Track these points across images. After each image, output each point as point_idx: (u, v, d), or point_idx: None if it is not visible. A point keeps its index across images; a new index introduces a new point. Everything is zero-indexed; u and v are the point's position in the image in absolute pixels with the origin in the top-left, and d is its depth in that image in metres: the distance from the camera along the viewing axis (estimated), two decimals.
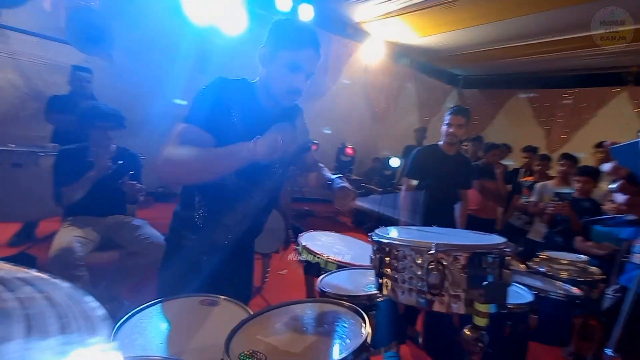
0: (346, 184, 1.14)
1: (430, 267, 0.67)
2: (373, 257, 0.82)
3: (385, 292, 0.77)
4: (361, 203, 1.15)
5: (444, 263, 0.67)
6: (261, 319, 0.79)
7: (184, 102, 2.96)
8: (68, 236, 1.85)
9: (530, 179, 3.68)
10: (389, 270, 0.76)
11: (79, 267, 1.80)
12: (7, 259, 2.36)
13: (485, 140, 4.28)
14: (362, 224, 5.26)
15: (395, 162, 5.48)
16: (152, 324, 0.86)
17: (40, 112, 3.01)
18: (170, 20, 4.07)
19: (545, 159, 3.70)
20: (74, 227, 1.94)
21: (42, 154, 2.44)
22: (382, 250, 0.78)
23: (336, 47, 5.98)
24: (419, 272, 0.69)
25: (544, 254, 2.02)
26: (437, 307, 0.68)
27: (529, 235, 3.26)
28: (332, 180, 1.19)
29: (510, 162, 4.67)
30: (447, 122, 2.29)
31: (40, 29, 3.72)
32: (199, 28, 4.10)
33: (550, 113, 6.46)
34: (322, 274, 1.31)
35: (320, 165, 1.33)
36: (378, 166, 6.20)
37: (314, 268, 1.36)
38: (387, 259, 0.76)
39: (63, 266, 1.74)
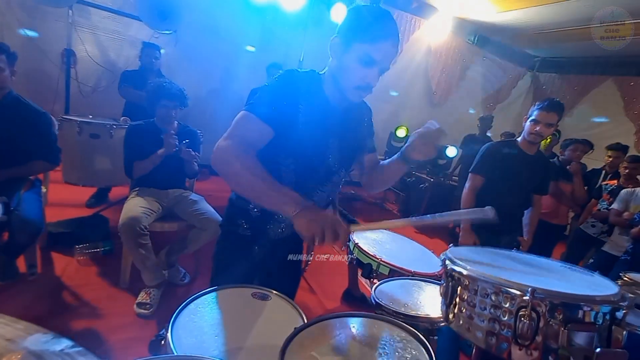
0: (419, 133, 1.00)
1: (521, 313, 0.56)
2: (443, 283, 0.72)
3: (456, 328, 0.67)
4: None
5: (539, 311, 0.56)
6: (316, 330, 0.76)
7: None
8: (135, 207, 2.00)
9: (613, 182, 3.20)
10: (464, 305, 0.66)
11: (144, 236, 1.95)
12: (85, 219, 2.69)
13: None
14: (409, 213, 5.08)
15: (452, 151, 5.08)
16: (208, 312, 0.89)
17: (114, 85, 3.24)
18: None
19: (637, 160, 3.18)
20: (140, 198, 2.10)
21: (115, 127, 2.64)
22: (456, 279, 0.68)
23: (397, 24, 5.58)
24: (505, 318, 0.59)
25: (628, 276, 1.73)
26: (522, 359, 0.57)
27: (605, 247, 2.88)
28: (400, 153, 1.06)
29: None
30: (533, 118, 1.92)
31: (114, 4, 3.96)
32: (260, 5, 4.09)
33: None
34: (373, 275, 1.26)
35: (383, 164, 1.25)
36: None
37: (365, 269, 1.31)
38: (463, 292, 0.66)
39: (130, 234, 1.90)
